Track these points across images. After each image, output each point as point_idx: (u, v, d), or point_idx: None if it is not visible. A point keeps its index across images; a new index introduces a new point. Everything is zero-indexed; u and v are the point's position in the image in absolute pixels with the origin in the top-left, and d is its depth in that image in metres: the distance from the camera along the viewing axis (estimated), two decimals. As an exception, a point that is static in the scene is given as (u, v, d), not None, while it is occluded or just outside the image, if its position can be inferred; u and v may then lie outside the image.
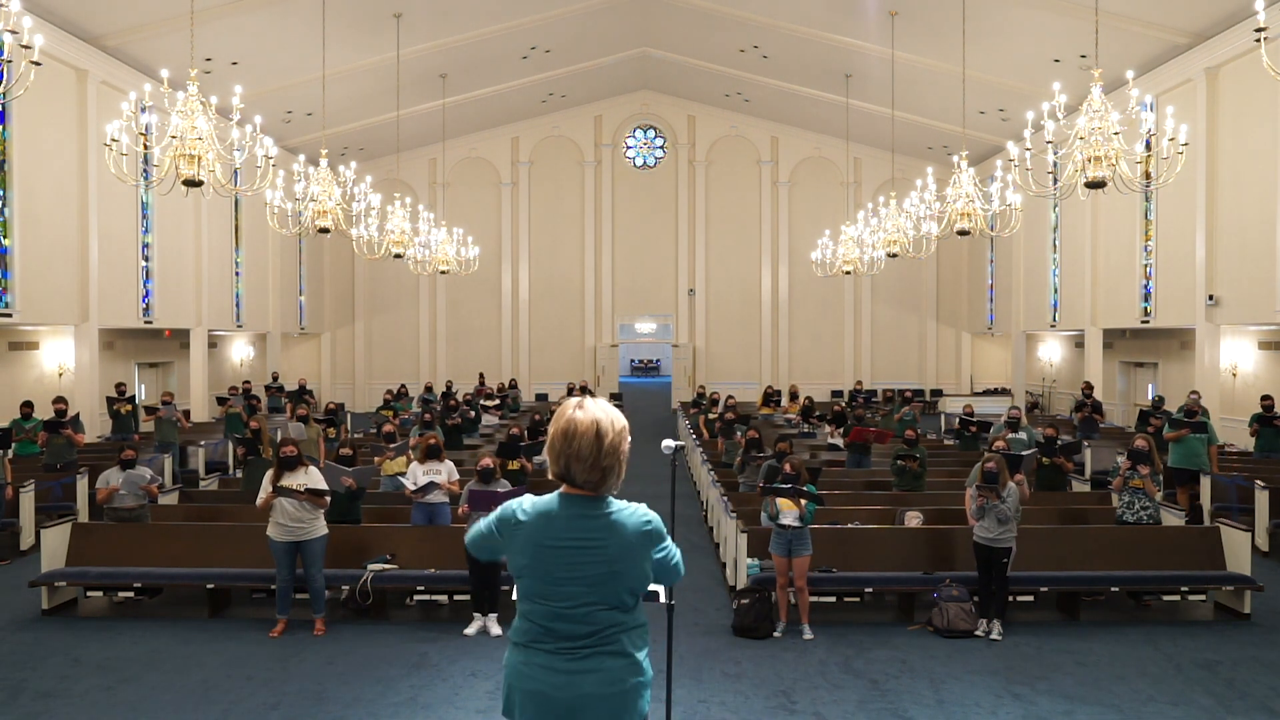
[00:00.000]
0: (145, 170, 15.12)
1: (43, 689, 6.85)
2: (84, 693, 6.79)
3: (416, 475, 9.55)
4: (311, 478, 8.15)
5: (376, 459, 11.63)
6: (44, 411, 13.52)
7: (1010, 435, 11.92)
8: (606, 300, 30.16)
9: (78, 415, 13.25)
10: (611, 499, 2.95)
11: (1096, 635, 8.18)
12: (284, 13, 17.16)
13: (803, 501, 8.08)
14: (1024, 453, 10.59)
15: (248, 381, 21.14)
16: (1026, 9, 17.06)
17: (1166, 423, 12.86)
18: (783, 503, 8.12)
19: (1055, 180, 13.85)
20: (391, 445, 11.75)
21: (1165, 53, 17.30)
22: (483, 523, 3.09)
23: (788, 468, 8.41)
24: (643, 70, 27.26)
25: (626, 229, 30.16)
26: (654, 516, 2.99)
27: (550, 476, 2.99)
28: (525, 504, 2.97)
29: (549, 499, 2.97)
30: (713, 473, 12.79)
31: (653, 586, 3.12)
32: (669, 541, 3.01)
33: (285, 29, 17.76)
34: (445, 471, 9.61)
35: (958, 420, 15.69)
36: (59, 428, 12.36)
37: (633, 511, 2.95)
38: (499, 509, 3.03)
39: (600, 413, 2.89)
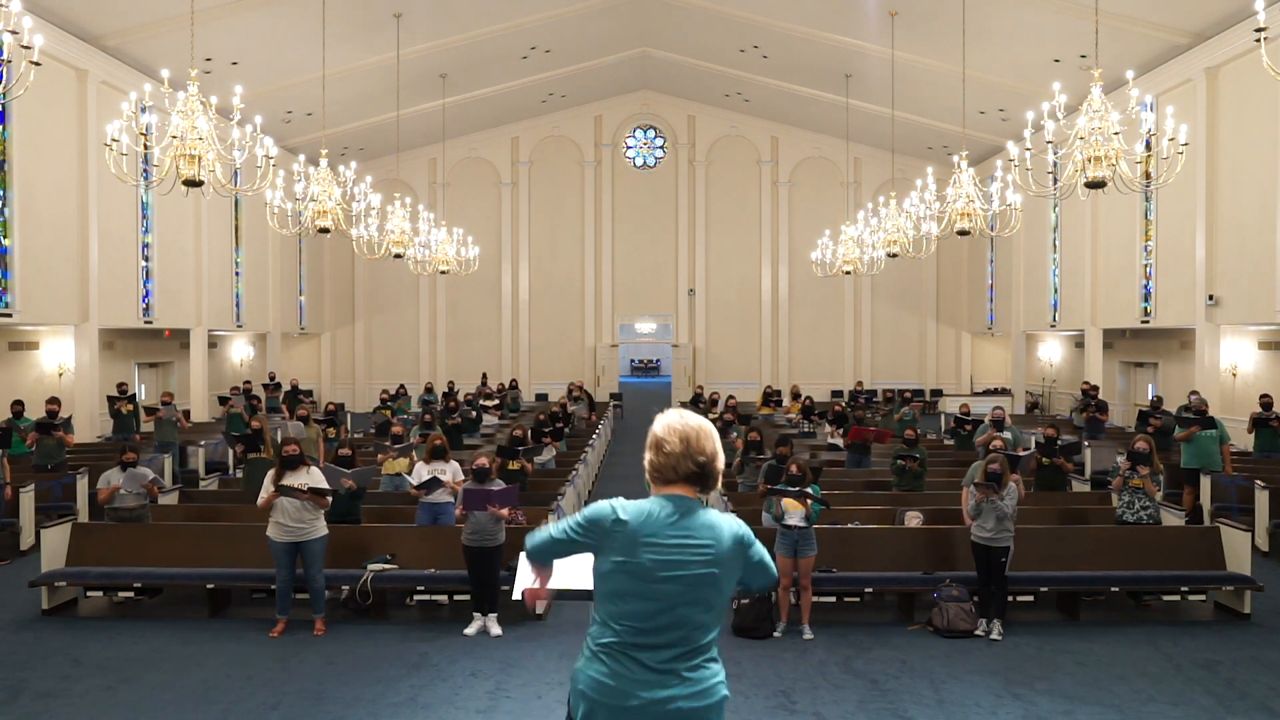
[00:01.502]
0: (145, 170, 15.13)
1: (43, 689, 6.85)
2: (84, 693, 6.79)
3: (421, 474, 9.53)
4: (313, 477, 8.14)
5: (380, 456, 11.61)
6: (37, 411, 13.41)
7: (997, 434, 11.89)
8: (606, 300, 30.16)
9: (69, 418, 13.16)
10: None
11: (1096, 635, 8.18)
12: (284, 13, 17.17)
13: (809, 501, 8.11)
14: (1023, 453, 10.59)
15: (248, 381, 21.14)
16: (1026, 9, 17.06)
17: (1176, 422, 12.69)
18: (788, 503, 8.14)
19: (1055, 180, 13.84)
20: (396, 445, 11.74)
21: (1165, 53, 17.30)
22: (554, 528, 3.05)
23: (793, 469, 8.42)
24: (643, 70, 27.25)
25: (626, 229, 30.15)
26: (743, 523, 3.09)
27: (657, 489, 3.02)
28: (622, 505, 2.98)
29: (645, 500, 3.00)
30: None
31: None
32: (757, 543, 3.09)
33: (285, 29, 17.76)
34: (450, 471, 9.58)
35: (954, 419, 15.70)
36: (50, 429, 12.27)
37: (722, 515, 3.03)
38: (588, 511, 3.00)
39: (695, 417, 3.06)
